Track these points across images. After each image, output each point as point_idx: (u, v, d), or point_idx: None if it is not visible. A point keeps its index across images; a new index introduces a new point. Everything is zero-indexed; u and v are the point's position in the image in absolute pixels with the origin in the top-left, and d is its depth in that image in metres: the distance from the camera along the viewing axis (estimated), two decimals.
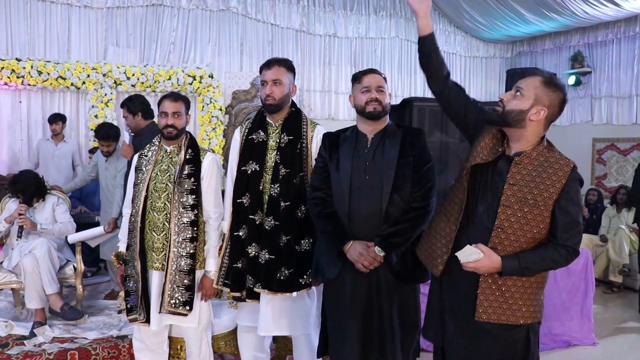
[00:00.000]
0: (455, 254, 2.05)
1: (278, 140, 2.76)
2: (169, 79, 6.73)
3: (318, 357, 2.78)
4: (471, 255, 1.99)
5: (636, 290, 5.72)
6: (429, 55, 2.28)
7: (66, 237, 4.17)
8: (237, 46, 8.04)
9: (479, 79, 10.09)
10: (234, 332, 3.29)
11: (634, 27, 8.12)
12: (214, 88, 6.97)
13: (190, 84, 6.87)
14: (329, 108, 8.75)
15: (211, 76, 7.02)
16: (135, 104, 4.19)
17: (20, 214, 3.92)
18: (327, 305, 2.62)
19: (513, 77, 7.69)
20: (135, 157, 2.96)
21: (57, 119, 5.94)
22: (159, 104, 2.87)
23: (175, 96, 2.86)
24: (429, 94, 9.07)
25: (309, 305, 2.80)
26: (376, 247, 2.37)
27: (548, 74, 2.14)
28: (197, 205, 2.80)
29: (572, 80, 8.69)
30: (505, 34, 9.52)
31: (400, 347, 2.44)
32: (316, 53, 8.68)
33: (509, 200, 2.03)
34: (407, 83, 9.36)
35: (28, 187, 4.03)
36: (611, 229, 6.22)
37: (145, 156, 2.90)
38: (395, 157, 2.46)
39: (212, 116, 7.01)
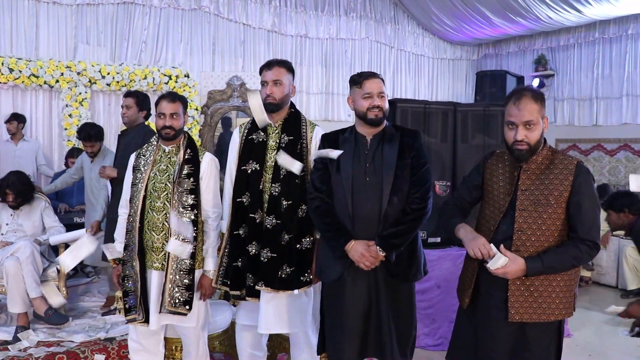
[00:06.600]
0: (485, 265, 2.16)
1: (278, 140, 2.80)
2: (145, 78, 6.62)
3: (318, 354, 2.83)
4: (498, 261, 2.10)
5: (601, 284, 6.07)
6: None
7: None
8: (209, 46, 7.99)
9: (446, 80, 10.32)
10: (227, 332, 3.31)
11: (594, 33, 8.51)
12: (189, 88, 6.90)
13: (166, 83, 6.78)
14: (299, 108, 8.75)
15: (187, 76, 6.95)
16: (147, 103, 4.16)
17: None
18: (326, 303, 2.67)
19: (483, 79, 7.94)
20: (133, 156, 2.94)
21: (11, 118, 5.85)
22: (156, 104, 2.85)
23: (172, 97, 2.85)
24: (397, 94, 9.07)
25: (306, 303, 2.85)
26: (377, 247, 2.44)
27: (532, 89, 2.21)
28: (196, 205, 2.80)
29: (535, 82, 9.00)
30: (471, 37, 9.77)
31: (397, 343, 2.52)
32: (287, 53, 8.69)
33: (524, 204, 2.17)
34: None
35: (21, 189, 3.92)
36: None
37: (143, 156, 2.88)
38: (394, 159, 2.53)
39: (188, 116, 6.92)
